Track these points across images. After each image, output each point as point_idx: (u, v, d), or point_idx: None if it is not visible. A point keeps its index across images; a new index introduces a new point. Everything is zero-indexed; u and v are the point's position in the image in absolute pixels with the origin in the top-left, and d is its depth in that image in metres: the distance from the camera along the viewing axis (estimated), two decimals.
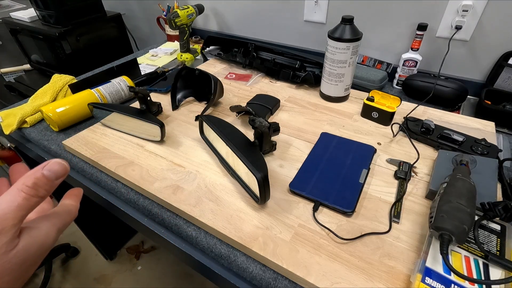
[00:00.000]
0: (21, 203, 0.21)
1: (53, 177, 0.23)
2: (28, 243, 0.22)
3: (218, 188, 0.53)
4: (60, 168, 0.23)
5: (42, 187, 0.22)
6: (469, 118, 0.69)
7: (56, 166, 0.23)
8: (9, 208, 0.21)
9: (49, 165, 0.23)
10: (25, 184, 0.22)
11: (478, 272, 0.37)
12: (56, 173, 0.23)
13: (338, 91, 0.75)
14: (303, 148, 0.62)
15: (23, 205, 0.21)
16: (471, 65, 0.84)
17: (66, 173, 0.24)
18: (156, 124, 0.61)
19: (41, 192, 0.22)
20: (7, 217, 0.20)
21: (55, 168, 0.23)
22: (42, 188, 0.22)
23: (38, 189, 0.22)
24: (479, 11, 0.76)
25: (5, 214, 0.20)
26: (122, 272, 1.40)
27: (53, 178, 0.23)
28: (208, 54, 1.07)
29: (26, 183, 0.22)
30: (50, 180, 0.23)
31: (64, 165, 0.24)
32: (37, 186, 0.22)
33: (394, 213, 0.47)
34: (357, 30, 0.68)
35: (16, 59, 1.53)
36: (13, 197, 0.21)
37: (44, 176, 0.22)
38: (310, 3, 0.98)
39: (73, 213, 0.27)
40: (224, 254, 0.45)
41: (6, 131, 0.73)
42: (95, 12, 1.31)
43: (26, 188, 0.22)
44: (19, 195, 0.21)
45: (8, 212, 0.20)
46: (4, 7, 1.53)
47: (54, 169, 0.23)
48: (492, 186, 0.48)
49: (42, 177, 0.22)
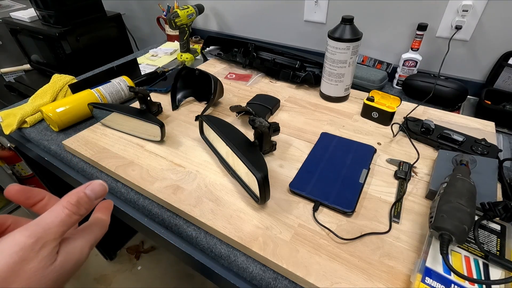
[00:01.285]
0: (64, 219, 0.22)
1: (94, 197, 0.24)
2: (65, 259, 0.22)
3: (218, 188, 0.53)
4: (101, 189, 0.25)
5: (83, 205, 0.23)
6: (469, 118, 0.69)
7: (97, 187, 0.24)
8: (53, 222, 0.21)
9: (91, 185, 0.24)
10: (69, 201, 0.23)
11: (478, 272, 0.37)
12: (96, 193, 0.24)
13: (338, 91, 0.75)
14: (303, 148, 0.62)
15: (65, 221, 0.22)
16: (471, 65, 0.84)
17: (105, 193, 0.25)
18: (156, 124, 0.61)
19: (82, 210, 0.23)
20: (51, 231, 0.21)
21: (96, 188, 0.24)
22: (83, 206, 0.23)
23: (80, 207, 0.23)
24: (479, 11, 0.75)
25: (49, 228, 0.21)
26: (122, 272, 1.40)
27: (94, 198, 0.24)
28: (208, 54, 1.07)
29: (70, 200, 0.23)
30: (90, 200, 0.24)
31: (104, 186, 0.25)
32: (79, 204, 0.23)
33: (394, 213, 0.47)
34: (357, 30, 0.68)
35: (16, 59, 1.53)
36: (57, 213, 0.22)
37: (86, 195, 0.24)
38: (310, 3, 0.98)
39: (104, 227, 0.28)
40: (224, 254, 0.45)
41: (6, 131, 0.73)
42: (95, 12, 1.31)
43: (70, 205, 0.23)
44: (63, 211, 0.22)
45: (52, 227, 0.21)
46: (4, 7, 1.53)
47: (95, 190, 0.24)
48: (492, 186, 0.48)
49: (84, 197, 0.24)
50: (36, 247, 0.20)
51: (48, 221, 0.21)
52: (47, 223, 0.21)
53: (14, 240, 0.20)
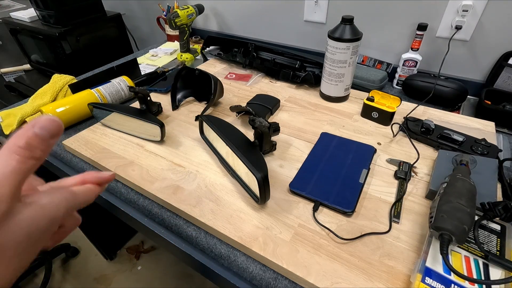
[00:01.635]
0: (16, 166, 0.18)
1: (47, 136, 0.20)
2: (35, 214, 0.19)
3: (218, 188, 0.53)
4: (52, 124, 0.20)
5: (37, 147, 0.19)
6: (469, 118, 0.69)
7: (48, 123, 0.20)
8: (3, 174, 0.18)
9: (39, 122, 0.19)
10: (16, 144, 0.19)
11: (478, 272, 0.37)
12: (49, 130, 0.20)
13: (338, 91, 0.75)
14: (303, 148, 0.62)
15: (18, 169, 0.18)
16: (471, 65, 0.84)
17: (61, 130, 0.21)
18: (156, 124, 0.61)
19: (37, 153, 0.19)
20: (3, 184, 0.18)
21: (47, 125, 0.20)
22: (38, 148, 0.19)
23: (33, 149, 0.19)
24: (479, 11, 0.75)
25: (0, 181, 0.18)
26: (122, 272, 1.40)
27: (47, 136, 0.20)
28: (208, 54, 1.07)
29: (17, 143, 0.19)
30: (44, 140, 0.19)
31: (56, 121, 0.20)
32: (31, 146, 0.19)
33: (394, 213, 0.47)
34: (357, 30, 0.68)
35: (16, 59, 1.53)
36: (6, 161, 0.18)
37: (36, 135, 0.19)
38: (310, 3, 0.98)
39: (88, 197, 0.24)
40: (224, 254, 0.45)
41: (6, 131, 0.73)
42: (95, 12, 1.31)
43: (19, 150, 0.18)
44: (12, 158, 0.18)
45: (3, 179, 0.18)
46: (4, 7, 1.53)
47: (46, 126, 0.20)
48: (492, 186, 0.48)
49: (34, 136, 0.19)
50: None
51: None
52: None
53: None
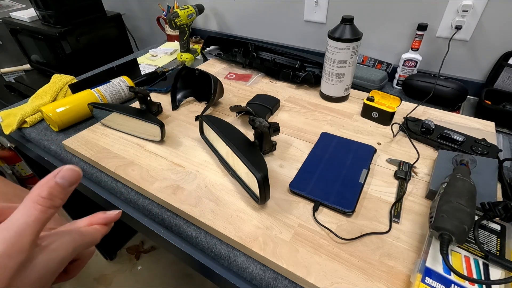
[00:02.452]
0: (38, 216, 0.20)
1: (67, 185, 0.21)
2: (48, 258, 0.21)
3: (218, 188, 0.53)
4: (73, 175, 0.22)
5: (57, 196, 0.21)
6: (469, 118, 0.69)
7: (68, 172, 0.22)
8: (26, 223, 0.19)
9: (61, 172, 0.21)
10: (39, 195, 0.20)
11: (478, 272, 0.37)
12: (69, 180, 0.22)
13: (338, 91, 0.75)
14: (303, 148, 0.62)
15: (39, 219, 0.20)
16: (471, 65, 0.84)
17: (79, 178, 0.23)
18: (156, 124, 0.61)
19: (57, 202, 0.21)
20: (25, 233, 0.19)
21: (68, 175, 0.21)
22: (57, 197, 0.21)
23: (54, 199, 0.21)
24: (479, 11, 0.75)
25: (22, 230, 0.19)
26: (122, 272, 1.40)
27: (67, 185, 0.21)
28: (208, 54, 1.07)
29: (40, 194, 0.20)
30: (64, 188, 0.21)
31: (76, 171, 0.22)
32: (52, 195, 0.20)
33: (394, 213, 0.47)
34: (357, 30, 0.68)
35: (16, 59, 1.53)
36: (29, 211, 0.20)
37: (58, 185, 0.21)
38: (310, 3, 0.98)
39: (95, 237, 0.26)
40: (224, 254, 0.45)
41: (6, 131, 0.73)
42: (95, 12, 1.31)
43: (42, 200, 0.20)
44: (35, 208, 0.20)
45: (26, 228, 0.19)
46: (4, 7, 1.53)
47: (67, 176, 0.21)
48: (492, 186, 0.48)
49: (56, 186, 0.21)
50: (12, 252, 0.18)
51: (20, 222, 0.19)
52: (19, 224, 0.19)
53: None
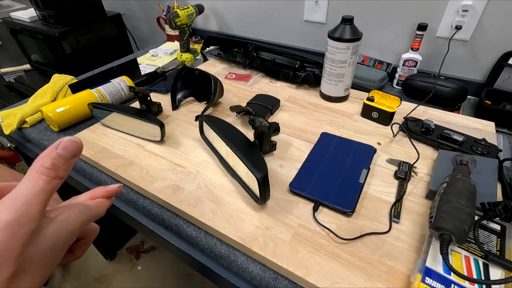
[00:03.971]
0: (43, 186, 0.20)
1: (69, 156, 0.21)
2: (58, 228, 0.21)
3: (218, 188, 0.53)
4: (74, 146, 0.22)
5: (60, 167, 0.21)
6: (469, 118, 0.69)
7: (69, 143, 0.22)
8: (32, 193, 0.19)
9: (62, 143, 0.21)
10: (43, 165, 0.20)
11: (478, 272, 0.37)
12: (71, 151, 0.22)
13: (338, 91, 0.75)
14: (303, 148, 0.62)
15: (45, 189, 0.20)
16: (471, 65, 0.84)
17: (81, 150, 0.23)
18: (156, 124, 0.61)
19: (61, 172, 0.21)
20: (33, 203, 0.19)
21: (69, 146, 0.21)
22: (61, 168, 0.21)
23: (58, 169, 0.21)
24: (479, 11, 0.75)
25: (30, 200, 0.19)
26: (122, 272, 1.40)
27: (69, 156, 0.21)
28: (208, 54, 1.07)
29: (43, 164, 0.20)
30: (67, 160, 0.21)
31: (77, 142, 0.22)
32: (56, 166, 0.21)
33: (394, 213, 0.47)
34: (357, 30, 0.68)
35: (16, 59, 1.53)
36: (34, 182, 0.20)
37: (60, 156, 0.21)
38: (310, 3, 0.98)
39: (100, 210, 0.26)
40: (224, 254, 0.45)
41: (6, 131, 0.73)
42: (95, 12, 1.31)
43: (46, 170, 0.20)
44: (39, 178, 0.20)
45: (33, 198, 0.19)
46: (4, 7, 1.53)
47: (69, 147, 0.21)
48: (492, 186, 0.48)
49: (58, 157, 0.21)
50: (22, 221, 0.18)
51: (26, 193, 0.19)
52: (25, 194, 0.19)
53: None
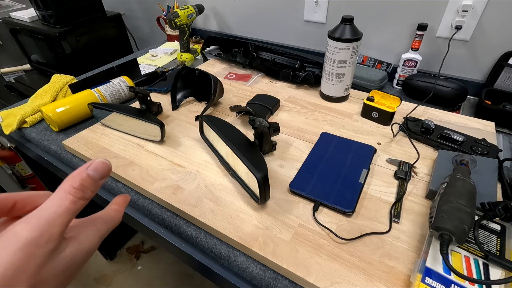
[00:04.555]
0: (69, 206, 0.20)
1: (98, 177, 0.22)
2: (75, 250, 0.21)
3: (218, 188, 0.53)
4: (104, 167, 0.22)
5: (88, 188, 0.21)
6: (469, 118, 0.69)
7: (100, 165, 0.22)
8: (57, 213, 0.19)
9: (93, 165, 0.22)
10: (72, 185, 0.21)
11: (478, 272, 0.37)
12: (100, 173, 0.22)
13: (338, 91, 0.75)
14: (303, 148, 0.62)
15: (70, 209, 0.20)
16: (471, 65, 0.84)
17: (109, 172, 0.23)
18: (156, 124, 0.61)
19: (87, 193, 0.21)
20: (55, 223, 0.19)
21: (99, 167, 0.22)
22: (88, 189, 0.21)
23: (85, 190, 0.21)
24: (479, 11, 0.75)
25: (53, 220, 0.19)
26: (122, 272, 1.40)
27: (98, 178, 0.22)
28: (208, 54, 1.07)
29: (73, 184, 0.21)
30: (95, 181, 0.22)
31: (107, 164, 0.23)
32: (84, 187, 0.21)
33: (394, 213, 0.47)
34: (357, 30, 0.68)
35: (16, 59, 1.53)
36: (61, 201, 0.20)
37: (89, 177, 0.21)
38: (310, 3, 0.98)
39: (116, 219, 0.26)
40: (224, 254, 0.45)
41: (6, 131, 0.73)
42: (95, 12, 1.31)
43: (74, 190, 0.20)
44: (66, 198, 0.20)
45: (56, 217, 0.19)
46: (4, 7, 1.53)
47: (99, 169, 0.22)
48: (492, 186, 0.48)
49: (88, 178, 0.21)
50: (41, 241, 0.18)
51: (51, 211, 0.19)
52: (50, 213, 0.19)
53: (16, 236, 0.18)
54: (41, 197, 0.24)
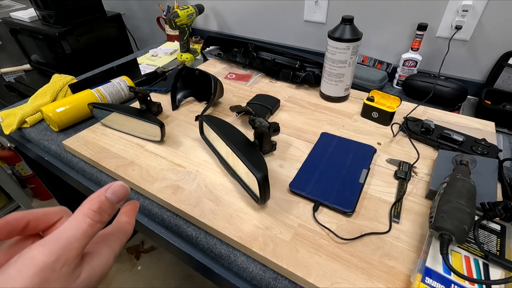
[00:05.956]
0: (86, 230, 0.20)
1: (116, 200, 0.22)
2: (89, 274, 0.21)
3: (218, 188, 0.53)
4: (123, 191, 0.23)
5: (106, 211, 0.21)
6: (469, 118, 0.69)
7: (119, 188, 0.22)
8: (75, 236, 0.20)
9: (112, 187, 0.22)
10: (90, 208, 0.21)
11: (478, 272, 0.37)
12: (119, 196, 0.22)
13: (338, 91, 0.75)
14: (303, 148, 0.62)
15: (87, 232, 0.20)
16: (471, 65, 0.84)
17: (128, 195, 0.23)
18: (156, 124, 0.61)
19: (105, 217, 0.21)
20: (72, 246, 0.19)
21: (118, 190, 0.22)
22: (106, 212, 0.21)
23: (103, 213, 0.21)
24: (479, 11, 0.75)
25: (70, 244, 0.19)
26: (122, 272, 1.40)
27: (116, 201, 0.22)
28: (208, 54, 1.07)
29: (91, 207, 0.21)
30: (113, 204, 0.22)
31: (126, 188, 0.23)
32: (102, 210, 0.21)
33: (394, 213, 0.47)
34: (357, 30, 0.68)
35: (16, 59, 1.53)
36: (79, 223, 0.20)
37: (108, 200, 0.22)
38: (310, 3, 0.98)
39: (129, 232, 0.26)
40: (224, 254, 0.45)
41: (6, 131, 0.73)
42: (95, 12, 1.31)
43: (92, 213, 0.21)
44: (84, 221, 0.20)
45: (74, 241, 0.19)
46: (4, 7, 1.53)
47: (117, 192, 0.22)
48: (492, 186, 0.48)
49: (106, 201, 0.21)
50: (57, 266, 0.18)
51: (69, 235, 0.19)
52: (68, 237, 0.19)
53: (33, 260, 0.18)
54: (54, 214, 0.24)
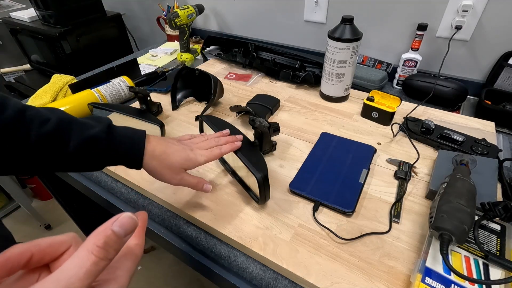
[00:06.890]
0: (90, 268, 0.19)
1: (123, 234, 0.20)
2: None
3: (218, 188, 0.53)
4: (130, 223, 0.21)
5: (112, 247, 0.20)
6: (469, 118, 0.69)
7: (126, 220, 0.21)
8: (77, 275, 0.18)
9: (119, 220, 0.20)
10: (96, 244, 0.19)
11: (478, 272, 0.37)
12: (126, 229, 0.20)
13: (338, 91, 0.75)
14: (303, 148, 0.62)
15: (91, 272, 0.19)
16: (471, 65, 0.84)
17: (135, 228, 0.21)
18: (156, 124, 0.61)
19: (111, 253, 0.20)
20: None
21: (125, 223, 0.20)
22: (112, 248, 0.20)
23: (109, 249, 0.20)
24: (479, 11, 0.75)
25: (72, 284, 0.18)
26: None
27: (123, 235, 0.20)
28: (208, 54, 1.07)
29: (97, 243, 0.19)
30: (120, 238, 0.20)
31: (134, 219, 0.21)
32: (108, 246, 0.20)
33: (394, 213, 0.47)
34: (357, 30, 0.68)
35: (16, 59, 1.53)
36: (82, 261, 0.19)
37: (114, 234, 0.20)
38: (310, 3, 0.98)
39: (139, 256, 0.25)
40: (224, 254, 0.45)
41: None
42: (95, 12, 1.31)
43: (97, 249, 0.19)
44: (88, 258, 0.19)
45: (75, 281, 0.18)
46: (4, 7, 1.53)
47: (124, 225, 0.20)
48: (492, 186, 0.48)
49: (112, 235, 0.20)
50: None
51: (71, 274, 0.18)
52: (70, 276, 0.18)
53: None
54: (61, 244, 0.22)
